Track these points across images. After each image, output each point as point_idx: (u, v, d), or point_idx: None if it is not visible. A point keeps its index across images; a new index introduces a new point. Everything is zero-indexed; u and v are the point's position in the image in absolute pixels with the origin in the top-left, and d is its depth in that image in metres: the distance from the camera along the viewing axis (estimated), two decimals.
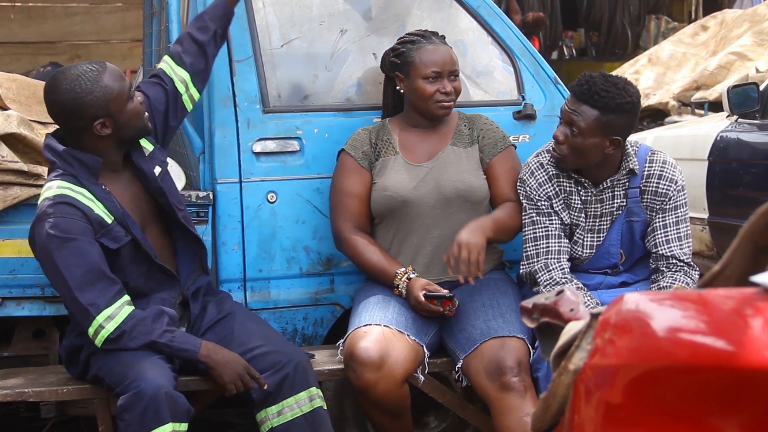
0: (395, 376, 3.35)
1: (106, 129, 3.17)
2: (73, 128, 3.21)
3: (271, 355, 3.27)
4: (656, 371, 1.45)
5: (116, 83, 3.18)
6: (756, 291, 1.42)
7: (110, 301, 3.11)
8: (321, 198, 3.75)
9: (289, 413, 3.24)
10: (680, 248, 3.54)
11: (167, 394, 3.04)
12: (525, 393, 3.32)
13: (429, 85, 3.59)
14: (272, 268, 3.74)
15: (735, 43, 8.22)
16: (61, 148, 3.20)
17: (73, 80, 3.15)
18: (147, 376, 3.05)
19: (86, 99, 3.14)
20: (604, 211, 3.56)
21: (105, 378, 3.19)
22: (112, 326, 3.11)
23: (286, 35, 3.85)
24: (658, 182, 3.54)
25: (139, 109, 3.23)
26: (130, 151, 3.32)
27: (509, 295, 3.60)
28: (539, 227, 3.54)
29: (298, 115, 3.76)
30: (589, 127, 3.37)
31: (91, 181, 3.19)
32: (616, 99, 3.36)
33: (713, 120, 5.78)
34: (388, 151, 3.66)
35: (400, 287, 3.52)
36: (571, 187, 3.55)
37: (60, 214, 3.10)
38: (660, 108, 8.25)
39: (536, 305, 1.97)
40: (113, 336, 3.11)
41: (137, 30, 6.41)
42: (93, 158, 3.19)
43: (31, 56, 9.75)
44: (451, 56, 3.61)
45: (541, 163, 3.57)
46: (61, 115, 3.22)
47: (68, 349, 3.34)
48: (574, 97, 3.41)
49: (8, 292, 3.59)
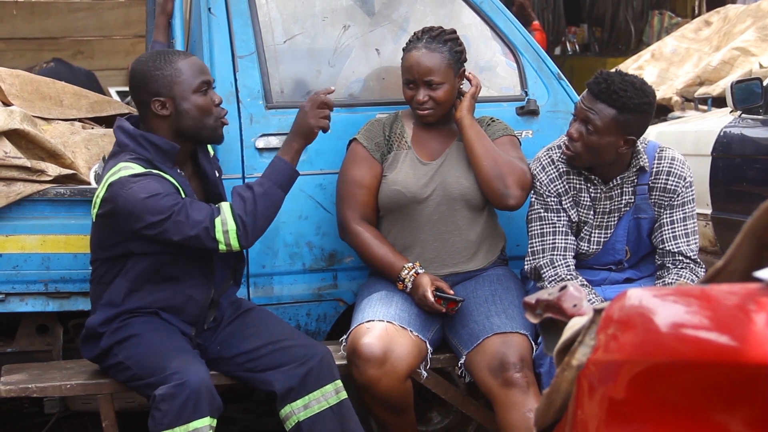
0: (398, 372, 3.35)
1: (164, 110, 3.19)
2: (139, 102, 3.26)
3: (296, 349, 3.27)
4: (659, 367, 1.44)
5: (189, 71, 3.21)
6: (759, 286, 1.42)
7: (213, 214, 3.13)
8: (324, 194, 3.75)
9: (316, 406, 3.24)
10: (687, 245, 3.53)
11: (208, 388, 3.07)
12: (528, 389, 3.32)
13: (408, 90, 3.59)
14: (275, 264, 3.74)
15: (738, 38, 8.21)
16: (137, 131, 3.20)
17: (153, 56, 3.27)
18: (190, 368, 3.07)
19: (154, 74, 3.19)
20: (612, 208, 3.55)
21: (133, 367, 3.18)
22: (232, 224, 3.13)
23: (289, 31, 3.85)
24: (666, 179, 3.53)
25: (207, 107, 3.22)
26: (197, 151, 3.33)
27: (512, 290, 3.60)
28: (546, 223, 3.53)
29: None
30: (606, 125, 3.35)
31: (167, 165, 3.19)
32: (634, 99, 3.34)
33: (717, 115, 5.77)
34: (400, 145, 3.66)
35: (406, 281, 3.52)
36: (581, 184, 3.54)
37: (151, 180, 3.09)
38: (663, 104, 8.23)
39: (539, 301, 1.97)
40: (241, 231, 3.14)
41: (140, 26, 6.42)
42: (169, 143, 3.19)
43: (34, 52, 9.74)
44: (429, 65, 3.51)
45: (553, 159, 3.55)
46: (132, 84, 3.27)
47: (88, 330, 3.30)
48: (591, 94, 3.38)
49: (11, 288, 3.59)
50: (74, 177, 3.67)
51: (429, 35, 3.56)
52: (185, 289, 3.26)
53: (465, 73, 3.61)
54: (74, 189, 3.61)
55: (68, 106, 4.10)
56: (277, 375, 3.25)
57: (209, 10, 3.70)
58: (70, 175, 3.65)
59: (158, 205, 3.06)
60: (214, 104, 3.24)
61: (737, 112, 5.12)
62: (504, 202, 3.55)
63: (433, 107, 3.56)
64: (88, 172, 3.75)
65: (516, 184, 3.51)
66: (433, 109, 3.56)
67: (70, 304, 3.66)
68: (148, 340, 3.17)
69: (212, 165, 3.41)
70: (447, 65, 3.54)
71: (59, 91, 4.12)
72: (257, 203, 3.17)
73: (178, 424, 3.02)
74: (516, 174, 3.52)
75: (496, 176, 3.50)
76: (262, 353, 3.29)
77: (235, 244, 3.15)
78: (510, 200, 3.53)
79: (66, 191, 3.59)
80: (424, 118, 3.59)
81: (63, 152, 3.70)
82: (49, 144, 3.67)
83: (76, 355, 3.71)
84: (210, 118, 3.23)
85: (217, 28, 3.70)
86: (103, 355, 3.28)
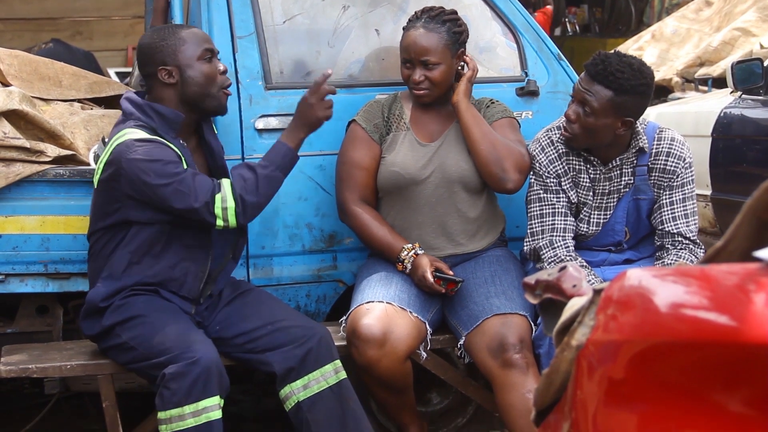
0: (398, 353, 3.35)
1: (171, 78, 3.26)
2: (147, 74, 3.32)
3: (295, 329, 3.29)
4: (659, 347, 1.45)
5: (192, 40, 3.30)
6: (759, 266, 1.42)
7: (214, 190, 3.15)
8: (324, 175, 3.75)
9: (316, 386, 3.26)
10: (686, 225, 3.53)
11: (218, 366, 3.10)
12: (527, 369, 3.33)
13: (405, 69, 3.58)
14: (275, 245, 3.74)
15: (739, 18, 8.18)
16: (143, 101, 3.27)
17: (157, 30, 3.38)
18: (200, 347, 3.10)
19: (159, 44, 3.28)
20: (611, 189, 3.55)
21: (138, 347, 3.19)
22: (231, 202, 3.16)
23: (289, 11, 3.83)
24: (666, 159, 3.52)
25: (212, 73, 3.29)
26: (202, 125, 3.37)
27: (511, 271, 3.60)
28: (546, 204, 3.53)
29: (301, 92, 3.71)
30: (602, 107, 3.35)
31: (170, 135, 3.23)
32: (631, 80, 3.33)
33: (717, 96, 5.75)
34: (399, 126, 3.65)
35: (405, 262, 3.52)
36: (580, 165, 3.54)
37: (155, 146, 3.14)
38: (663, 84, 8.21)
39: (539, 281, 1.97)
40: (240, 209, 3.17)
41: (139, 6, 6.40)
42: (174, 112, 3.25)
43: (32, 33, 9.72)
44: (426, 45, 3.51)
45: (552, 140, 3.54)
46: (139, 59, 3.34)
47: (90, 305, 3.30)
48: (588, 76, 3.37)
49: (11, 269, 3.59)
50: (73, 158, 3.67)
51: (428, 15, 3.55)
52: (184, 262, 3.28)
53: (464, 54, 3.60)
54: (73, 170, 3.61)
55: (67, 87, 4.09)
56: (277, 356, 3.26)
57: None
58: (69, 156, 3.65)
59: (162, 170, 3.11)
60: (219, 72, 3.30)
61: (738, 92, 5.11)
62: (502, 186, 3.55)
63: (429, 87, 3.55)
64: (88, 153, 3.74)
65: (514, 168, 3.51)
66: (429, 89, 3.55)
67: (70, 285, 3.66)
68: (153, 320, 3.18)
69: (217, 139, 3.42)
70: (444, 46, 3.52)
71: (58, 72, 4.11)
72: (259, 184, 3.21)
73: (188, 402, 3.04)
74: (514, 157, 3.51)
75: (493, 160, 3.50)
76: (261, 333, 3.30)
77: (232, 221, 3.18)
78: (508, 184, 3.53)
79: (65, 172, 3.58)
80: (420, 98, 3.59)
81: (62, 133, 3.69)
82: (48, 125, 3.66)
83: (76, 335, 3.72)
84: (214, 86, 3.29)
85: (216, 9, 3.69)
86: (105, 334, 3.28)
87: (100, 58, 8.82)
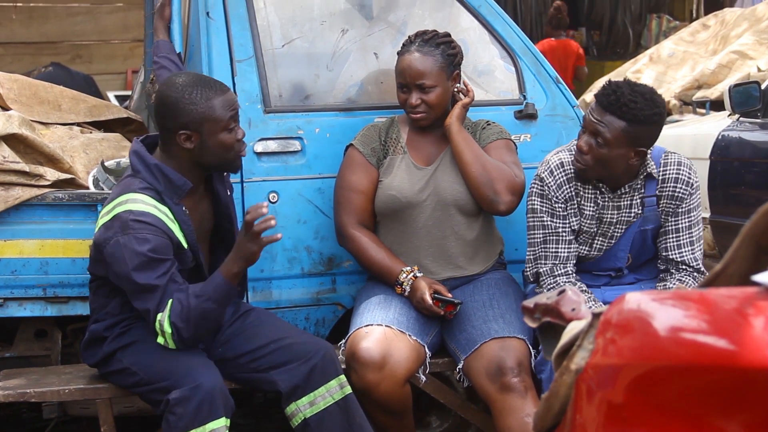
0: (397, 377, 3.35)
1: (189, 143, 3.15)
2: (164, 127, 3.19)
3: (298, 346, 3.28)
4: (658, 371, 1.44)
5: (222, 110, 3.15)
6: (758, 290, 1.42)
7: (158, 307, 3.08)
8: (322, 198, 3.75)
9: (322, 402, 3.25)
10: (692, 253, 3.49)
11: (221, 389, 3.09)
12: (526, 393, 3.32)
13: (402, 93, 3.58)
14: (274, 268, 3.74)
15: (736, 42, 8.22)
16: (152, 161, 3.16)
17: (189, 86, 3.15)
18: (203, 371, 3.09)
19: (188, 108, 3.12)
20: (619, 219, 3.49)
21: (140, 372, 3.18)
22: (168, 327, 3.09)
23: (288, 35, 3.85)
24: (674, 186, 3.46)
25: (230, 143, 3.19)
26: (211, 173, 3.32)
27: (509, 295, 3.60)
28: (550, 231, 3.47)
29: (300, 115, 3.76)
30: (616, 138, 3.27)
31: (174, 201, 3.16)
32: (645, 110, 3.25)
33: (715, 119, 5.77)
34: (396, 150, 3.66)
35: (404, 285, 3.52)
36: (588, 192, 3.48)
37: (150, 232, 3.05)
38: None
39: (538, 305, 1.97)
40: (176, 336, 3.09)
41: (138, 30, 6.41)
42: (182, 179, 3.17)
43: (32, 56, 9.76)
44: (421, 69, 3.51)
45: (562, 162, 3.47)
46: (159, 108, 3.20)
47: (92, 335, 3.29)
48: (600, 106, 3.29)
49: (10, 293, 3.59)
50: (73, 181, 3.68)
51: (422, 38, 3.56)
52: None
53: (459, 76, 3.60)
54: (73, 193, 3.61)
55: (67, 111, 4.10)
56: (281, 374, 3.26)
57: (207, 15, 3.71)
58: (68, 180, 3.65)
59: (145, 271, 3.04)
60: (236, 139, 3.21)
61: (735, 115, 5.12)
62: (495, 208, 3.54)
63: (425, 111, 3.56)
64: (87, 177, 3.75)
65: (506, 190, 3.50)
66: (426, 112, 3.56)
67: (69, 309, 3.66)
68: (154, 345, 3.16)
69: (225, 185, 3.39)
70: (439, 68, 3.53)
71: (57, 96, 4.13)
72: (191, 314, 3.08)
73: (194, 426, 3.03)
74: (506, 179, 3.51)
75: (485, 182, 3.50)
76: (264, 352, 3.30)
77: (171, 345, 3.13)
78: (500, 206, 3.52)
79: (64, 196, 3.59)
80: (417, 121, 3.59)
81: (61, 156, 3.70)
82: (47, 148, 3.67)
83: (74, 359, 3.71)
84: (231, 154, 3.22)
85: (215, 33, 3.70)
86: (106, 360, 3.28)
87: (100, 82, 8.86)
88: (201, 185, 3.31)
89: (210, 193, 3.35)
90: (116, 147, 4.00)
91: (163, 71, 3.64)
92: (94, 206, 3.58)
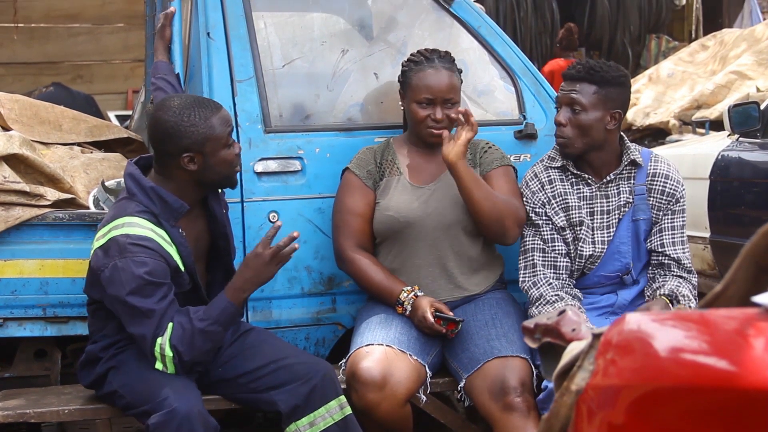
0: (398, 397, 3.34)
1: (193, 165, 3.15)
2: (164, 152, 3.17)
3: (298, 366, 3.27)
4: (658, 392, 1.44)
5: (221, 127, 3.17)
6: (758, 311, 1.42)
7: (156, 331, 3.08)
8: (322, 218, 3.76)
9: (322, 423, 3.24)
10: (683, 251, 3.60)
11: (200, 412, 3.07)
12: (528, 413, 3.32)
13: (421, 109, 3.57)
14: (274, 288, 3.74)
15: (735, 62, 8.25)
16: (148, 184, 3.16)
17: (185, 108, 3.14)
18: (179, 394, 3.06)
19: (188, 130, 3.13)
20: (611, 208, 3.59)
21: (127, 396, 3.18)
22: (169, 351, 3.08)
23: (288, 55, 3.86)
24: (665, 181, 3.60)
25: (231, 158, 3.21)
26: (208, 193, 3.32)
27: (511, 314, 3.60)
28: (528, 240, 3.60)
29: (300, 135, 3.77)
30: (590, 101, 3.49)
31: (170, 223, 3.16)
32: (611, 72, 3.51)
33: (714, 139, 5.78)
34: (392, 172, 3.66)
35: (405, 304, 3.51)
36: (569, 188, 3.59)
37: (148, 256, 3.05)
38: (661, 127, 8.26)
39: (538, 325, 1.97)
40: (177, 360, 3.09)
41: (139, 50, 6.44)
42: (179, 202, 3.16)
43: (33, 77, 9.79)
44: (450, 83, 3.55)
45: (536, 173, 3.63)
46: (158, 135, 3.17)
47: (88, 355, 3.30)
48: (569, 79, 3.53)
49: (9, 313, 3.59)
50: (73, 201, 3.68)
51: (438, 55, 3.59)
52: None
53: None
54: (73, 213, 3.61)
55: (67, 131, 4.11)
56: (281, 394, 3.25)
57: (208, 35, 3.72)
58: (68, 200, 3.66)
59: (142, 294, 3.04)
60: (235, 154, 3.24)
61: (735, 135, 5.13)
62: (502, 241, 3.62)
63: (447, 126, 3.57)
64: (87, 197, 3.75)
65: (514, 224, 3.55)
66: (447, 128, 3.57)
67: (69, 329, 3.65)
68: (137, 368, 3.16)
69: (220, 204, 3.39)
70: (459, 84, 3.61)
71: (58, 116, 4.13)
72: (194, 338, 3.09)
73: None
74: (513, 215, 3.54)
75: (495, 220, 3.50)
76: (264, 372, 3.29)
77: (171, 369, 3.12)
78: (508, 240, 3.59)
79: (65, 216, 3.59)
80: (434, 138, 3.58)
81: (62, 176, 3.70)
82: (47, 168, 3.68)
83: (74, 380, 3.70)
84: (230, 170, 3.24)
85: (216, 53, 3.71)
86: (99, 382, 3.28)
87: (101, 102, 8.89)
88: (197, 204, 3.31)
89: (205, 211, 3.36)
90: (117, 167, 4.01)
91: (159, 93, 3.64)
92: (95, 226, 3.57)
